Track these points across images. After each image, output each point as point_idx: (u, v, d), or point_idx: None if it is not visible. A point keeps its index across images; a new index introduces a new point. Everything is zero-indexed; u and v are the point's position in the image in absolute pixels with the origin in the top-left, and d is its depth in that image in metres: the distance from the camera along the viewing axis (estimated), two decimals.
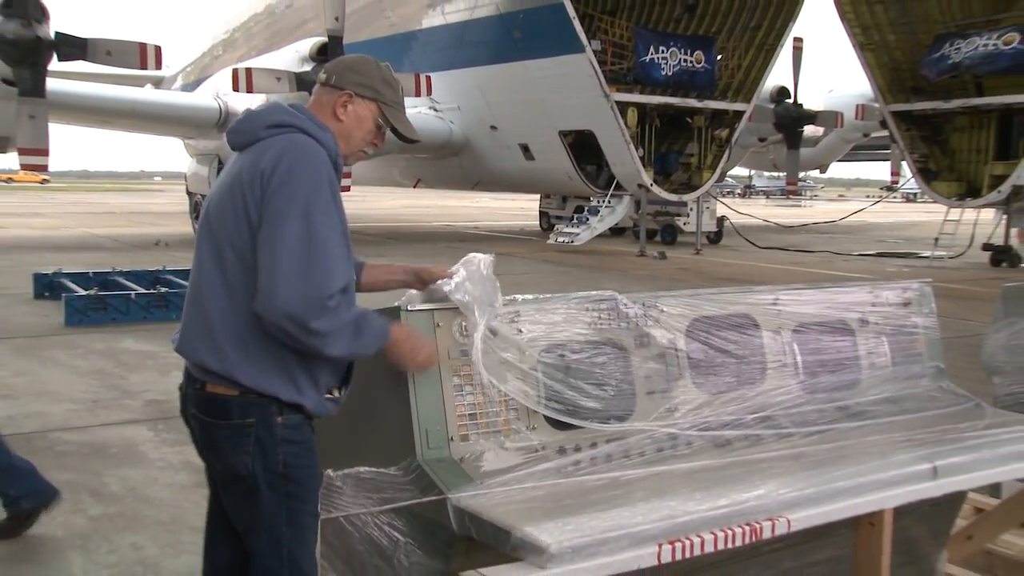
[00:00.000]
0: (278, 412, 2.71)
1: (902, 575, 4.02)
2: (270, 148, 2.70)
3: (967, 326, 10.36)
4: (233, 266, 2.68)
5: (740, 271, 19.19)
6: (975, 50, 21.51)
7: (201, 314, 2.74)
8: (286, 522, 2.75)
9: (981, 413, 3.95)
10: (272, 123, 2.77)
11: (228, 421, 2.72)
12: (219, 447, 2.77)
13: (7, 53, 17.22)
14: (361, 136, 2.94)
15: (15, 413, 7.50)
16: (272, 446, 2.71)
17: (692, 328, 3.53)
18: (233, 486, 2.80)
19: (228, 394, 2.70)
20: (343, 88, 2.89)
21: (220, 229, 2.71)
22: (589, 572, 2.44)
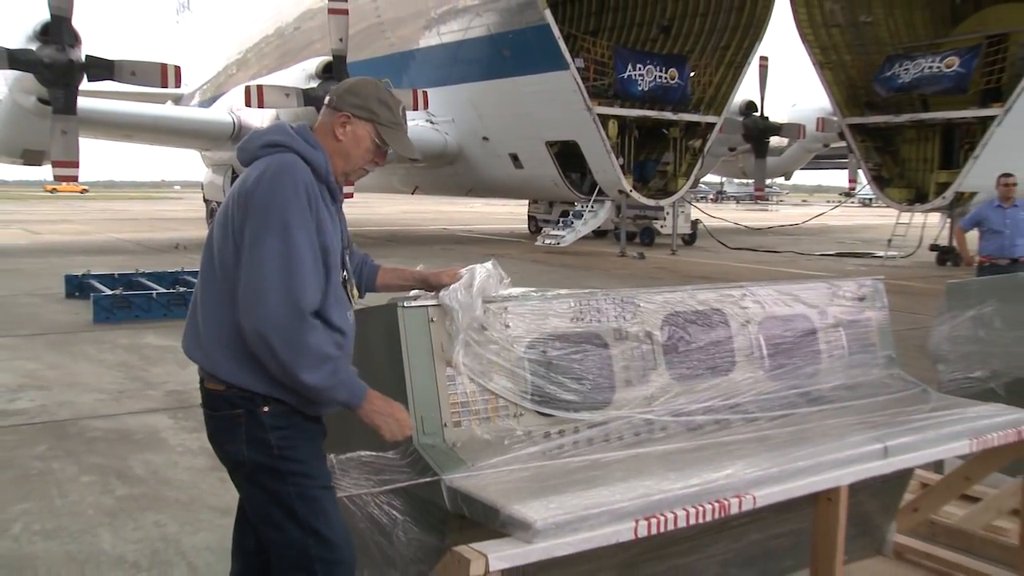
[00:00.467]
0: (263, 403, 2.69)
1: (856, 545, 4.06)
2: (256, 168, 2.70)
3: (915, 319, 10.38)
4: (219, 277, 2.68)
5: (712, 270, 19.21)
6: (921, 71, 21.93)
7: (194, 318, 2.76)
8: (296, 497, 2.70)
9: (927, 398, 3.98)
10: (266, 143, 2.75)
11: (219, 413, 2.74)
12: (216, 436, 2.79)
13: (43, 75, 17.32)
14: (359, 155, 2.87)
15: (49, 403, 7.52)
16: (262, 433, 2.69)
17: (667, 322, 3.54)
18: (235, 472, 2.79)
19: (218, 389, 2.72)
20: (341, 110, 2.85)
21: (216, 243, 2.72)
22: (572, 546, 2.46)
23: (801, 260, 22.48)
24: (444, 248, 24.06)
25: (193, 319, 2.77)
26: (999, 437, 3.65)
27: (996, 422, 3.69)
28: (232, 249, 2.64)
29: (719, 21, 26.65)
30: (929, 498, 4.50)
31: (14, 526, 4.88)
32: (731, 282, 3.96)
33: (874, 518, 4.15)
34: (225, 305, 2.65)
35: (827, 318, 4.10)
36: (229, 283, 2.65)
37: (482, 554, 2.35)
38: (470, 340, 2.98)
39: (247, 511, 2.89)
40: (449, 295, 2.97)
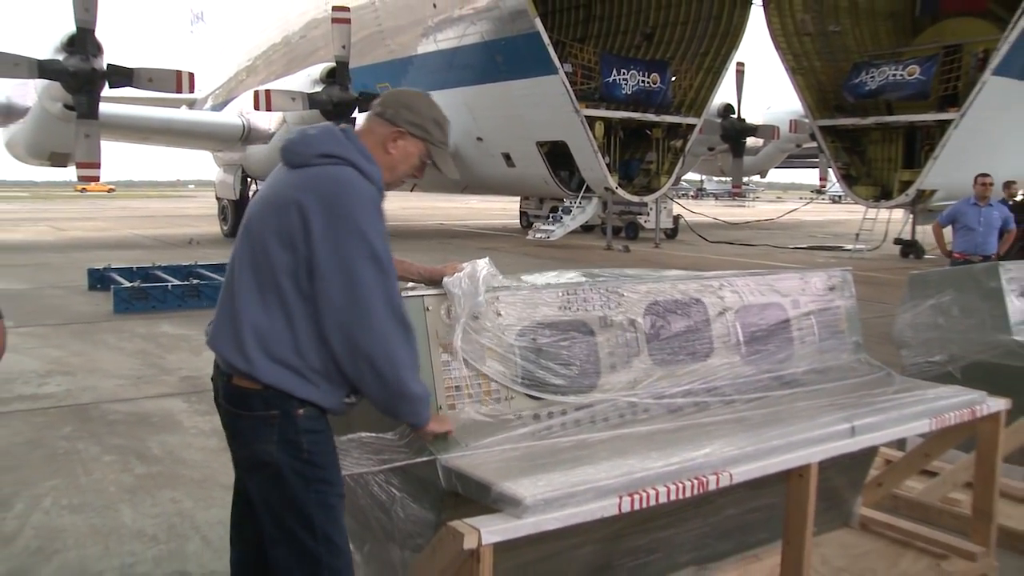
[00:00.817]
0: (299, 405, 2.55)
1: (825, 518, 4.06)
2: (321, 181, 2.53)
3: (881, 308, 10.39)
4: (270, 284, 2.52)
5: (693, 262, 19.21)
6: (886, 79, 22.16)
7: (233, 319, 2.57)
8: (316, 504, 2.57)
9: (891, 381, 3.98)
10: (325, 152, 2.58)
11: (251, 412, 2.56)
12: (243, 435, 2.62)
13: (68, 83, 17.40)
14: (405, 170, 2.77)
15: (74, 387, 7.54)
16: (295, 435, 2.55)
17: (649, 310, 3.53)
18: (257, 472, 2.62)
19: (251, 388, 2.55)
20: (397, 125, 2.71)
21: (259, 245, 2.55)
22: (559, 521, 2.45)
23: (776, 253, 22.49)
24: (441, 242, 24.02)
25: (229, 320, 2.58)
26: (955, 416, 3.66)
27: (953, 403, 3.70)
28: (289, 260, 2.50)
29: (698, 29, 26.69)
30: (892, 473, 4.52)
31: (45, 500, 4.93)
32: (710, 273, 3.96)
33: (842, 493, 4.16)
34: (273, 310, 2.51)
35: (799, 307, 4.09)
36: (280, 290, 2.51)
37: (475, 529, 2.34)
38: (468, 327, 2.97)
39: (259, 511, 2.68)
40: (453, 282, 2.94)
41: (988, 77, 19.55)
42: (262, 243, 2.55)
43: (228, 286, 2.64)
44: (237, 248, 2.65)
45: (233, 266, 2.64)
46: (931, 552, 4.04)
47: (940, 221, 10.11)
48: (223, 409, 2.67)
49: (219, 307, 2.67)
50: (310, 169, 2.58)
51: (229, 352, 2.57)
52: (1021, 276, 5.28)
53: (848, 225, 30.14)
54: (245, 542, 2.87)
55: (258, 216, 2.61)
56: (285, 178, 2.62)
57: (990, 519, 3.94)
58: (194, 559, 4.19)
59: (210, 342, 2.67)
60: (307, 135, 2.67)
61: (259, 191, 2.74)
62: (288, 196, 2.54)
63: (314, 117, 19.99)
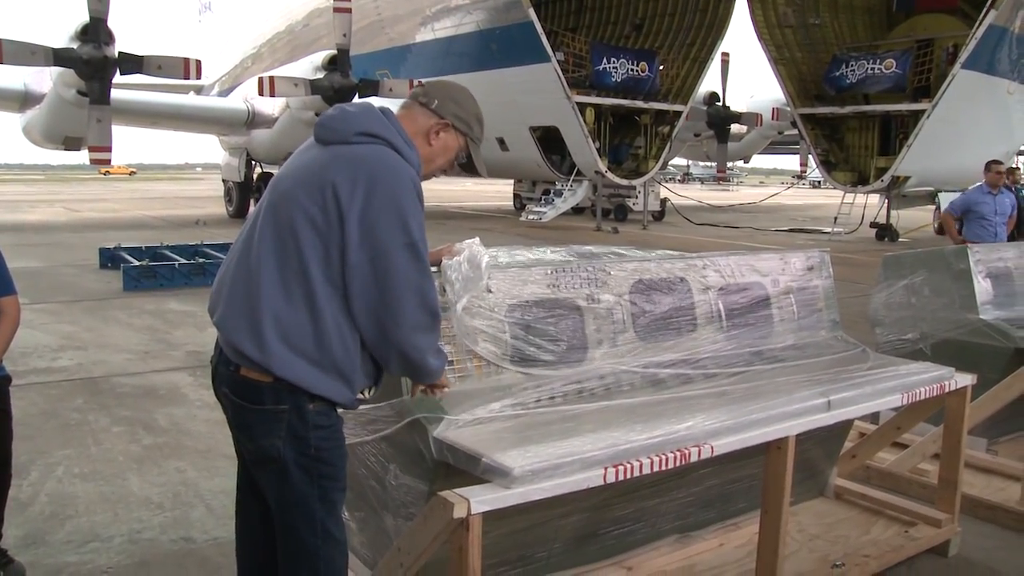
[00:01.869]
0: (310, 400, 2.36)
1: (802, 488, 4.08)
2: (362, 161, 2.33)
3: (857, 288, 10.39)
4: (296, 272, 2.31)
5: (679, 243, 19.18)
6: (865, 73, 22.22)
7: (251, 303, 2.33)
8: (319, 499, 2.42)
9: (866, 357, 3.97)
10: (365, 131, 2.37)
11: (261, 406, 2.36)
12: (250, 429, 2.42)
13: (82, 70, 17.31)
14: (442, 163, 2.58)
15: (86, 361, 7.51)
16: (304, 431, 2.37)
17: (635, 288, 3.51)
18: (263, 466, 2.45)
19: (262, 380, 2.34)
20: (443, 117, 2.53)
21: (288, 229, 2.32)
22: (546, 491, 2.44)
23: (758, 235, 22.48)
24: (438, 223, 23.95)
25: (246, 302, 2.34)
26: (926, 391, 3.67)
27: (923, 378, 3.71)
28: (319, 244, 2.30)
29: (685, 20, 26.64)
30: (866, 446, 4.53)
31: (58, 469, 4.93)
32: (694, 253, 3.94)
33: (818, 464, 4.16)
34: (296, 299, 2.31)
35: (779, 286, 4.09)
36: (307, 278, 2.30)
37: (464, 498, 2.33)
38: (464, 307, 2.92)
39: (269, 503, 2.53)
40: (451, 265, 2.83)
41: (958, 70, 19.75)
42: (291, 227, 2.32)
43: (246, 270, 2.37)
44: (257, 228, 2.39)
45: (249, 246, 2.40)
46: (900, 520, 4.07)
47: (952, 211, 9.50)
48: (228, 400, 2.46)
49: (232, 288, 2.40)
50: (348, 147, 2.36)
51: (243, 340, 2.33)
52: (988, 258, 5.29)
53: (827, 209, 30.11)
54: (250, 517, 2.73)
55: (286, 198, 2.36)
56: (318, 156, 2.39)
57: (955, 488, 3.96)
58: (198, 526, 4.18)
59: (219, 323, 2.42)
60: (346, 112, 2.45)
61: (284, 170, 2.48)
62: (322, 176, 2.32)
63: (316, 103, 19.87)
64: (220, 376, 2.48)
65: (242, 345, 2.34)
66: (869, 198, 23.27)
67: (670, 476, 3.19)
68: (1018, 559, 3.98)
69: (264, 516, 2.62)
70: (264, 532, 2.64)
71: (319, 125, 2.45)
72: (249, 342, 2.33)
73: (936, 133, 20.22)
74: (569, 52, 24.21)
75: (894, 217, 22.06)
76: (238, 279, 2.40)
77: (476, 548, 2.37)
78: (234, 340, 2.36)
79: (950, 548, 3.96)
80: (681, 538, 3.64)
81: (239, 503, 2.76)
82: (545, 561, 3.17)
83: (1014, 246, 5.88)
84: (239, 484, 2.75)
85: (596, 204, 25.01)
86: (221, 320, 2.42)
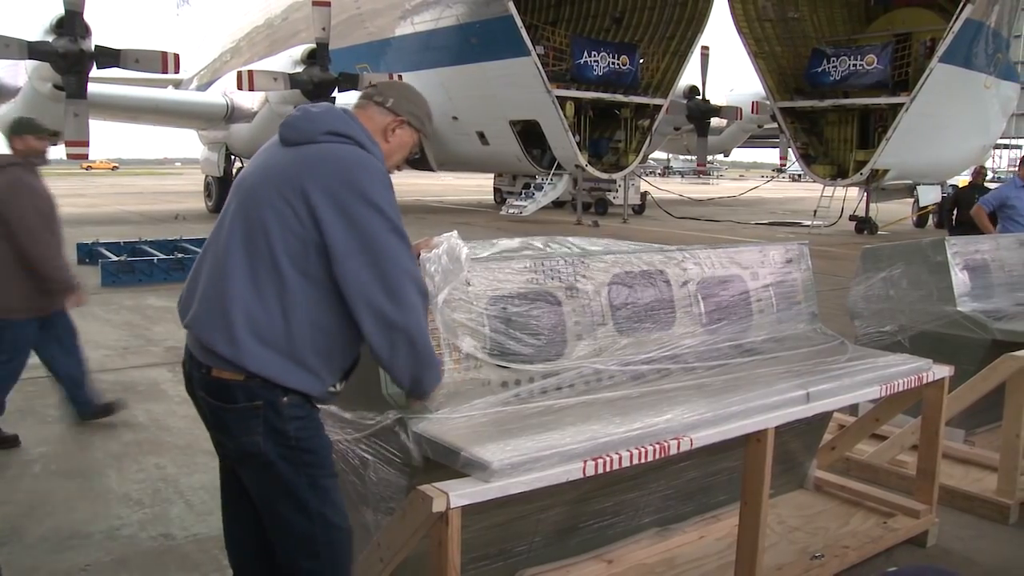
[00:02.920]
0: (283, 394, 2.38)
1: (782, 480, 4.10)
2: (332, 159, 2.38)
3: (836, 280, 10.45)
4: (267, 268, 2.33)
5: (659, 236, 19.21)
6: (847, 69, 22.24)
7: (221, 301, 2.35)
8: (308, 487, 2.44)
9: (844, 349, 3.99)
10: (332, 130, 2.42)
11: (235, 404, 2.38)
12: (228, 428, 2.43)
13: (58, 64, 17.16)
14: (397, 159, 2.64)
15: None
16: (281, 424, 2.38)
17: (615, 281, 3.50)
18: (247, 462, 2.47)
19: (233, 379, 2.36)
20: (399, 114, 2.60)
21: (258, 226, 2.35)
22: (526, 484, 2.43)
23: (738, 228, 22.58)
24: (418, 217, 23.86)
25: (217, 301, 2.36)
26: (904, 383, 3.70)
27: (902, 370, 3.73)
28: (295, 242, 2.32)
29: (665, 14, 26.62)
30: (845, 437, 4.55)
31: (35, 466, 4.90)
32: (674, 246, 3.94)
33: (798, 456, 4.19)
34: (267, 295, 2.33)
35: (758, 278, 4.09)
36: (278, 274, 2.33)
37: (443, 492, 2.32)
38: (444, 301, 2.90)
39: (254, 499, 2.55)
40: (430, 258, 2.80)
41: (935, 64, 19.81)
42: (262, 224, 2.35)
43: (217, 270, 2.40)
44: (226, 228, 2.43)
45: (219, 246, 2.43)
46: (879, 511, 4.10)
47: (984, 205, 9.40)
48: (203, 401, 2.47)
49: (204, 289, 2.43)
50: (315, 147, 2.41)
51: (214, 338, 2.35)
52: (966, 251, 5.32)
53: (806, 202, 30.32)
54: (239, 520, 2.71)
55: (255, 196, 2.39)
56: (285, 156, 2.43)
57: (933, 479, 4.00)
58: (177, 522, 4.16)
59: (191, 325, 2.45)
60: (310, 112, 2.50)
61: (249, 169, 2.52)
62: (293, 175, 2.36)
63: (295, 97, 19.79)
64: (193, 380, 2.50)
65: (214, 343, 2.35)
66: (848, 191, 23.42)
67: (650, 469, 3.20)
68: (995, 548, 4.02)
69: (254, 516, 2.61)
70: (256, 532, 2.64)
71: (285, 126, 2.49)
72: (221, 340, 2.34)
73: (914, 127, 20.34)
74: (549, 46, 24.15)
75: (873, 210, 22.24)
76: (209, 280, 2.42)
77: (455, 542, 2.36)
78: (206, 339, 2.38)
79: (928, 538, 4.00)
80: (661, 531, 3.65)
81: (226, 506, 2.75)
82: (525, 555, 3.17)
83: (990, 238, 5.93)
84: (223, 488, 2.74)
85: (576, 198, 25.02)
86: (193, 321, 2.44)
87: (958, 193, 12.79)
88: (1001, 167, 46.04)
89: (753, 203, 35.06)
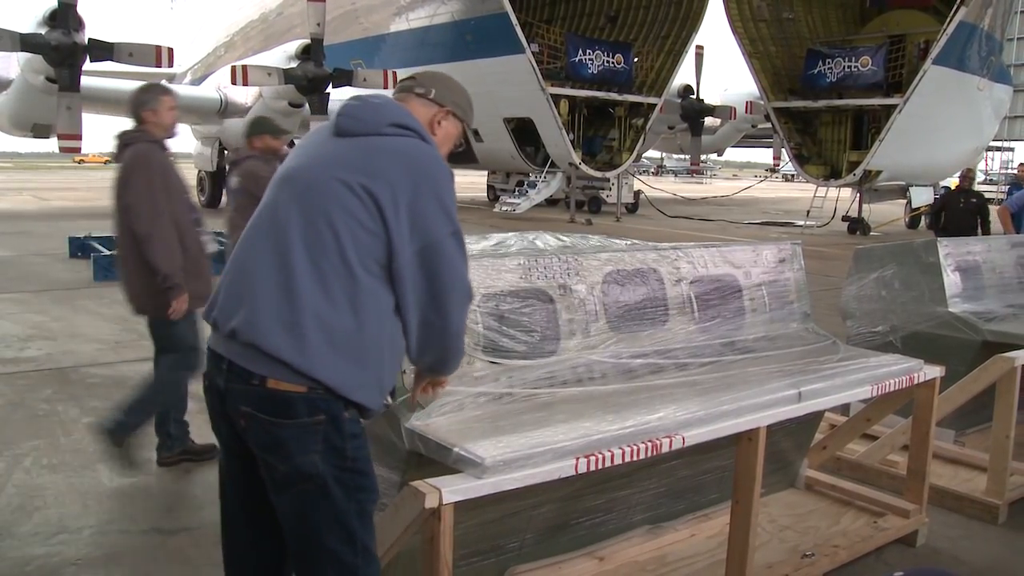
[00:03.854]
0: (344, 407, 2.22)
1: (773, 479, 4.10)
2: (404, 153, 2.27)
3: (828, 280, 10.48)
4: (335, 268, 2.18)
5: (652, 235, 19.18)
6: (843, 71, 22.41)
7: (288, 304, 2.16)
8: (356, 515, 2.26)
9: (836, 349, 4.00)
10: (397, 122, 2.31)
11: (296, 420, 2.17)
12: (284, 446, 2.19)
13: (50, 56, 17.05)
14: (444, 152, 2.48)
15: (55, 351, 7.41)
16: (341, 442, 2.21)
17: (608, 279, 3.50)
18: (296, 486, 2.22)
19: (295, 391, 2.16)
20: (443, 105, 2.49)
21: (325, 221, 2.19)
22: (518, 481, 2.44)
23: (731, 227, 22.61)
24: None
25: (279, 308, 2.16)
26: (895, 383, 3.71)
27: (893, 370, 3.74)
28: (368, 236, 2.19)
29: (660, 13, 26.72)
30: (836, 437, 4.57)
31: (25, 460, 4.86)
32: (667, 244, 3.95)
33: (789, 455, 4.19)
34: (337, 297, 2.17)
35: (751, 278, 4.10)
36: (349, 274, 2.18)
37: (436, 488, 2.32)
38: None
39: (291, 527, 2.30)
40: None
41: (929, 66, 19.96)
42: (328, 220, 2.19)
43: (270, 269, 2.21)
44: (281, 226, 2.24)
45: (274, 248, 2.23)
46: (870, 510, 4.11)
47: (1010, 206, 9.37)
48: (252, 419, 2.22)
49: (256, 290, 2.21)
50: (382, 139, 2.28)
51: (279, 345, 2.15)
52: (957, 252, 5.34)
53: (799, 202, 30.38)
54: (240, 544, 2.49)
55: (317, 190, 2.23)
56: (345, 148, 2.29)
57: (923, 479, 4.01)
58: (169, 517, 4.14)
59: (240, 330, 2.19)
60: (372, 103, 2.36)
61: (300, 161, 2.35)
62: (361, 168, 2.22)
63: (289, 92, 19.78)
64: (235, 394, 2.24)
65: (278, 350, 2.15)
66: (841, 192, 23.48)
67: (642, 467, 3.20)
68: (983, 548, 4.04)
69: (257, 543, 2.45)
70: (258, 561, 2.48)
71: (345, 116, 2.34)
72: (288, 346, 2.15)
73: (908, 128, 20.43)
74: (544, 43, 24.21)
75: (866, 211, 22.31)
76: (267, 280, 2.21)
77: (448, 538, 2.37)
78: (268, 345, 2.16)
79: (918, 538, 4.01)
80: (653, 528, 3.66)
81: (234, 536, 2.51)
82: (517, 551, 3.18)
83: (981, 240, 5.95)
84: (232, 515, 2.50)
85: (570, 196, 25.05)
86: (244, 325, 2.19)
87: (944, 199, 12.64)
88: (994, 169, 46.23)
89: (746, 203, 35.11)
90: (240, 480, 2.40)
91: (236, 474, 2.41)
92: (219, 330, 2.27)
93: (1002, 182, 38.48)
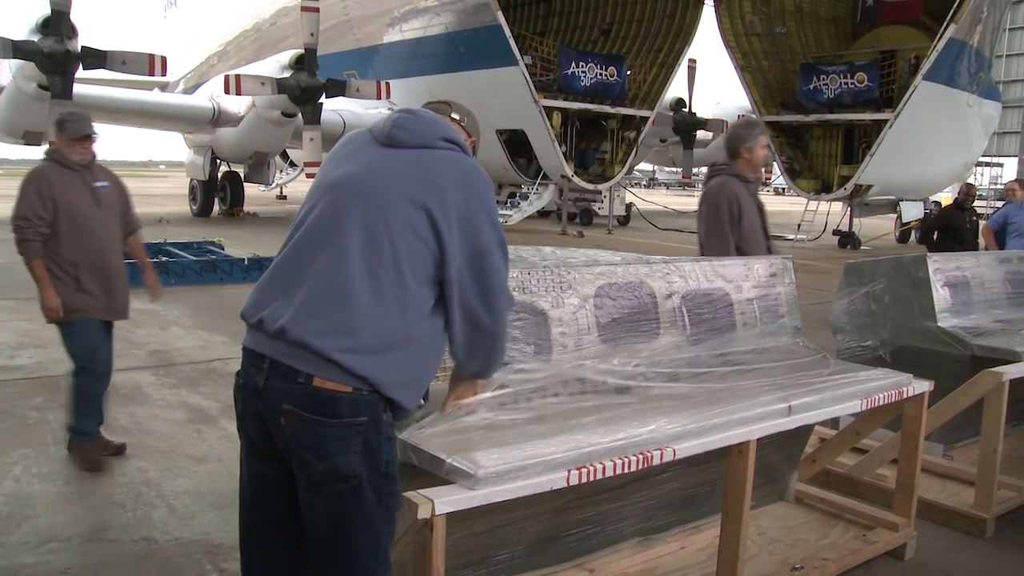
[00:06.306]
0: (384, 410, 2.30)
1: (763, 492, 4.12)
2: (458, 166, 2.43)
3: (819, 295, 10.53)
4: (390, 275, 2.28)
5: (644, 248, 19.26)
6: (839, 87, 22.48)
7: (341, 305, 2.23)
8: (384, 521, 2.31)
9: (827, 363, 4.02)
10: (448, 137, 2.46)
11: (339, 419, 2.22)
12: (325, 446, 2.23)
13: (43, 64, 17.01)
14: None
15: (45, 359, 7.41)
16: (378, 443, 2.28)
17: (599, 292, 3.52)
18: (331, 486, 2.25)
19: (340, 390, 2.22)
20: (471, 135, 2.70)
21: (382, 229, 2.28)
22: (510, 492, 2.45)
23: None
24: None
25: (332, 309, 2.24)
26: (885, 397, 3.74)
27: (882, 384, 3.77)
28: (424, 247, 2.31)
29: (653, 27, 26.77)
30: (826, 450, 4.60)
31: (15, 468, 4.86)
32: (658, 257, 3.97)
33: (779, 468, 4.22)
34: (388, 301, 2.26)
35: (742, 291, 4.12)
36: (401, 280, 2.28)
37: (429, 499, 2.34)
38: None
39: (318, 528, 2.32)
40: None
41: (919, 81, 20.06)
42: (387, 228, 2.28)
43: (325, 270, 2.28)
44: (345, 231, 2.31)
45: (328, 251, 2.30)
46: (859, 523, 4.13)
47: (991, 225, 9.45)
48: (295, 417, 2.25)
49: (309, 289, 2.28)
50: (436, 152, 2.42)
51: (330, 344, 2.22)
52: (947, 267, 5.38)
53: (790, 216, 30.44)
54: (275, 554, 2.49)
55: (377, 199, 2.32)
56: (400, 159, 2.39)
57: (912, 492, 4.04)
58: (160, 526, 4.14)
59: (289, 328, 2.25)
60: (423, 116, 2.50)
61: (352, 169, 2.41)
62: (420, 181, 2.35)
63: (282, 102, 19.78)
64: (276, 392, 2.28)
65: (328, 349, 2.21)
66: (832, 206, 23.59)
67: (633, 479, 3.22)
68: (971, 562, 4.07)
69: (291, 554, 2.46)
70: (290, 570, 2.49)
71: (398, 127, 2.44)
72: (339, 345, 2.22)
73: (898, 143, 20.55)
74: (537, 56, 24.26)
75: (856, 225, 22.43)
76: (317, 284, 2.27)
77: (439, 549, 2.38)
78: (319, 343, 2.22)
79: (906, 551, 4.04)
80: (643, 541, 3.67)
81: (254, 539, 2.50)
82: (508, 563, 3.18)
83: (971, 255, 6.00)
84: (252, 518, 2.49)
85: (562, 208, 25.08)
86: (295, 325, 2.25)
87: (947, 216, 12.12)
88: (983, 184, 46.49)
89: None
90: (260, 480, 2.44)
91: (257, 474, 2.44)
92: (263, 329, 2.31)
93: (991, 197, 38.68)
